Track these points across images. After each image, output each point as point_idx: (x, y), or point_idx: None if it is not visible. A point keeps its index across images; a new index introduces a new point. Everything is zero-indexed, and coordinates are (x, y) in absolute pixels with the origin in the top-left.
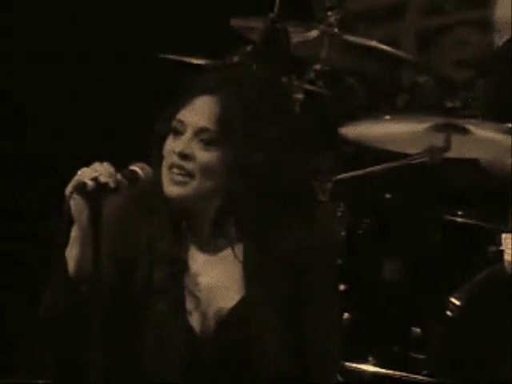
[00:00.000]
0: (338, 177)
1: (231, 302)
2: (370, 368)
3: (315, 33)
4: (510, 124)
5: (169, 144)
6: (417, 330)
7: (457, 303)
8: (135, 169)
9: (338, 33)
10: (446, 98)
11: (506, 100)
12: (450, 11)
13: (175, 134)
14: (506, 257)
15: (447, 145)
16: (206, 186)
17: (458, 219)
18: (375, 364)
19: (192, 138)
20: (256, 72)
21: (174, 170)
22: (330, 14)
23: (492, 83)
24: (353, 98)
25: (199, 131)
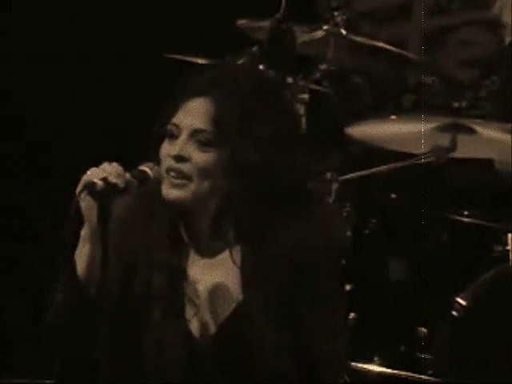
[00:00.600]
0: (344, 177)
1: (230, 307)
2: (375, 368)
3: (321, 33)
4: None
5: (165, 148)
6: (423, 330)
7: (463, 303)
8: (145, 169)
9: (344, 33)
10: (452, 98)
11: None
12: (456, 11)
13: (170, 137)
14: None
15: (453, 145)
16: (203, 187)
17: (464, 219)
18: (381, 364)
19: (188, 139)
20: (247, 70)
21: (171, 174)
22: (335, 14)
23: (498, 83)
24: (359, 98)
25: (195, 133)
